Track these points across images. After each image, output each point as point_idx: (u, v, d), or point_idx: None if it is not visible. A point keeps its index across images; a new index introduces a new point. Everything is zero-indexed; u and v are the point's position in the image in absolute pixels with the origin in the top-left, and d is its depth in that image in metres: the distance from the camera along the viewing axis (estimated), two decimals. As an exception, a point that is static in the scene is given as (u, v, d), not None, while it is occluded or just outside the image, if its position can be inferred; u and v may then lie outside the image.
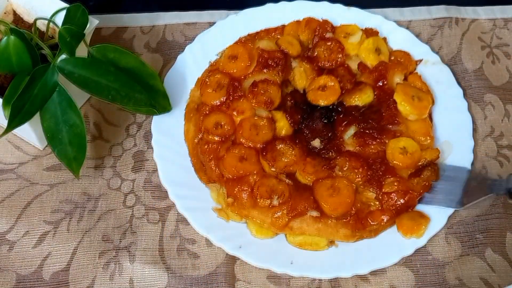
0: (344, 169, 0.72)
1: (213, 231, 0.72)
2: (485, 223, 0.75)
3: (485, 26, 0.92)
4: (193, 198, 0.74)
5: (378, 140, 0.75)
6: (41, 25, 0.78)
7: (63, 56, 0.70)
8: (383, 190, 0.72)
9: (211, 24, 0.89)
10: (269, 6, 0.90)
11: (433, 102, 0.80)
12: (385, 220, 0.71)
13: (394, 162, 0.73)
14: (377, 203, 0.72)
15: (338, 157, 0.74)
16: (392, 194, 0.72)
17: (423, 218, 0.73)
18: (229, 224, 0.73)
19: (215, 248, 0.73)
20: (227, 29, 0.87)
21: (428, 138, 0.76)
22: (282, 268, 0.70)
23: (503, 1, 0.95)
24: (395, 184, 0.71)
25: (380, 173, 0.72)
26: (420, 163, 0.74)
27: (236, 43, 0.84)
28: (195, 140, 0.77)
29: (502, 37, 0.91)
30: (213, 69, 0.82)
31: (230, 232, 0.72)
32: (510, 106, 0.84)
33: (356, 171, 0.72)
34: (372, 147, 0.74)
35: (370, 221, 0.71)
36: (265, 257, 0.70)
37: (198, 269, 0.72)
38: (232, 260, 0.72)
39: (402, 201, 0.71)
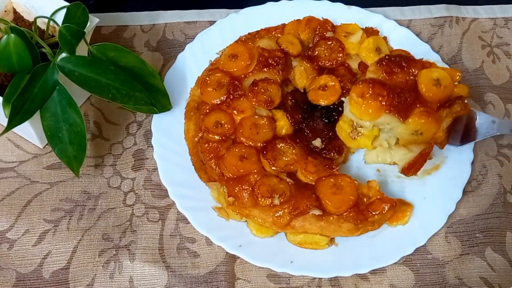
0: (367, 95, 0.68)
1: (213, 230, 0.72)
2: (485, 222, 0.75)
3: (485, 25, 0.92)
4: (193, 197, 0.74)
5: (406, 69, 0.71)
6: (41, 23, 0.78)
7: (63, 55, 0.70)
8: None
9: (212, 23, 0.89)
10: (269, 5, 0.90)
11: None
12: (386, 209, 0.70)
13: (427, 94, 0.69)
14: (377, 189, 0.71)
15: (360, 83, 0.69)
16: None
17: (406, 205, 0.74)
18: (229, 223, 0.73)
19: (215, 247, 0.73)
20: (227, 28, 0.87)
21: (457, 73, 0.72)
22: (282, 268, 0.70)
23: (503, 0, 0.95)
24: (424, 113, 0.68)
25: (408, 101, 0.69)
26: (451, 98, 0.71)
27: (236, 42, 0.84)
28: (195, 139, 0.77)
29: (502, 36, 0.91)
30: (214, 68, 0.81)
31: (230, 231, 0.72)
32: (510, 105, 0.84)
33: (381, 98, 0.68)
34: (400, 76, 0.70)
35: (371, 211, 0.70)
36: (265, 256, 0.70)
37: (198, 267, 0.72)
38: (232, 258, 0.72)
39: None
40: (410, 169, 0.72)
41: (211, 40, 0.86)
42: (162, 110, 0.78)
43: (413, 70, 0.70)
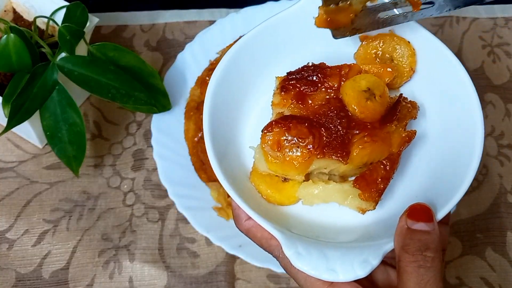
0: (284, 144, 0.50)
1: (212, 230, 0.71)
2: (485, 222, 0.75)
3: (485, 25, 0.92)
4: (192, 197, 0.74)
5: (320, 85, 0.52)
6: (41, 23, 0.78)
7: (63, 55, 0.69)
8: (354, 153, 0.50)
9: (211, 22, 0.89)
10: (269, 4, 0.90)
11: None
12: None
13: (362, 115, 0.51)
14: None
15: (269, 128, 0.50)
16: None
17: None
18: (229, 223, 0.73)
19: (215, 247, 0.72)
20: (227, 28, 0.87)
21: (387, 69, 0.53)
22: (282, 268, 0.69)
23: (504, 0, 0.95)
24: (367, 140, 0.50)
25: (341, 130, 0.50)
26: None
27: (236, 41, 0.84)
28: (195, 139, 0.77)
29: (502, 36, 0.91)
30: (213, 67, 0.81)
31: (230, 231, 0.72)
32: (511, 105, 0.84)
33: (303, 141, 0.49)
34: (317, 97, 0.52)
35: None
36: (265, 256, 0.70)
37: (198, 268, 0.72)
38: (232, 259, 0.72)
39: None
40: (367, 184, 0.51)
41: (211, 39, 0.86)
42: (162, 110, 0.78)
43: (331, 83, 0.52)
